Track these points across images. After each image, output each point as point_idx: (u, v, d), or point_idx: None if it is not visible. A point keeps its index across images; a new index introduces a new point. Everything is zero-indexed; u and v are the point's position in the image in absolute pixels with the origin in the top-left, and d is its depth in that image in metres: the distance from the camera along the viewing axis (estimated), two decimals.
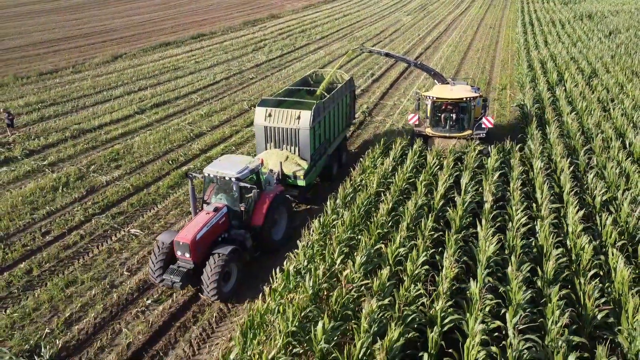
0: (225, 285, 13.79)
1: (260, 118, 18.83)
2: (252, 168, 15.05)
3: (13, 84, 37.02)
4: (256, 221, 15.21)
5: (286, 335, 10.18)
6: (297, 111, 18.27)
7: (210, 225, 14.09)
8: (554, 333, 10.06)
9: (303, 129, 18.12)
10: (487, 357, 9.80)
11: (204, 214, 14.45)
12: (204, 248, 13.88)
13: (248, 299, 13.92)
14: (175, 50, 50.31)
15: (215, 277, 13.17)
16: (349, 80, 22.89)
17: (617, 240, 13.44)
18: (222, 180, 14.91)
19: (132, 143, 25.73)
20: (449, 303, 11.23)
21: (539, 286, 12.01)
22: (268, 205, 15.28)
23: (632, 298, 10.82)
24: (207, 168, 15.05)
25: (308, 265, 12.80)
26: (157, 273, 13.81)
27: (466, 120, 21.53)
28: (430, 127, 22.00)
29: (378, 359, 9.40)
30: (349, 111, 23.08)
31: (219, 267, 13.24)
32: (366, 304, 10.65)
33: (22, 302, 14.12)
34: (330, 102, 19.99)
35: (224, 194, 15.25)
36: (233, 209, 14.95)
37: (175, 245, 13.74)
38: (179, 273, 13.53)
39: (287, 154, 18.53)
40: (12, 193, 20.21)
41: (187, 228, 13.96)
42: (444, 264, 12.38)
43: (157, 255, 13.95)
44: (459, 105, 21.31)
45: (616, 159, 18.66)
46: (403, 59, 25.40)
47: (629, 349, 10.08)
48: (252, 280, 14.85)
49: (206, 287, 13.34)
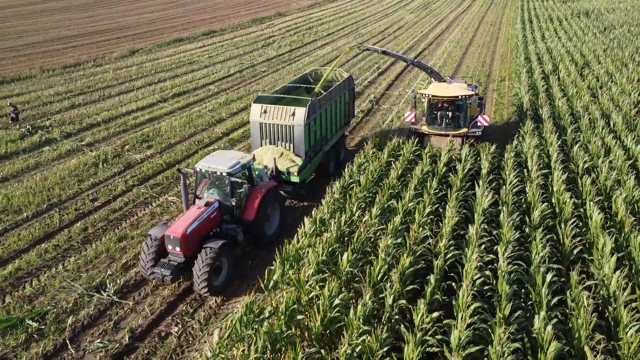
0: (216, 279, 13.97)
1: (255, 114, 18.94)
2: (244, 163, 15.13)
3: (40, 76, 39.40)
4: (248, 216, 15.32)
5: (317, 263, 12.46)
6: (292, 108, 18.43)
7: (201, 219, 14.24)
8: (536, 262, 12.31)
9: (297, 125, 18.19)
10: (481, 280, 12.04)
11: (196, 208, 14.63)
12: (194, 242, 14.04)
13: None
14: (188, 46, 52.62)
15: (206, 271, 13.28)
16: (348, 78, 23.06)
17: (595, 197, 15.69)
18: (214, 175, 15.04)
19: (159, 127, 28.01)
20: (451, 242, 13.50)
21: (526, 232, 14.26)
22: (260, 200, 15.37)
23: (603, 236, 13.06)
24: (199, 163, 15.21)
25: (331, 217, 15.06)
26: (148, 266, 13.97)
27: (462, 118, 21.56)
28: (427, 125, 22.07)
29: (393, 278, 11.66)
30: (347, 109, 23.15)
31: (209, 261, 13.35)
32: (382, 241, 12.93)
33: (82, 253, 16.40)
34: (327, 100, 20.10)
35: (215, 189, 15.42)
36: (225, 203, 15.10)
37: (166, 239, 13.89)
38: (169, 267, 13.70)
39: (282, 150, 18.66)
40: (59, 167, 22.53)
41: (178, 222, 14.14)
42: (447, 214, 14.65)
43: (148, 248, 14.11)
44: (455, 103, 21.43)
45: (600, 135, 20.92)
46: (400, 56, 25.20)
47: (598, 274, 12.32)
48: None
49: (196, 281, 13.48)
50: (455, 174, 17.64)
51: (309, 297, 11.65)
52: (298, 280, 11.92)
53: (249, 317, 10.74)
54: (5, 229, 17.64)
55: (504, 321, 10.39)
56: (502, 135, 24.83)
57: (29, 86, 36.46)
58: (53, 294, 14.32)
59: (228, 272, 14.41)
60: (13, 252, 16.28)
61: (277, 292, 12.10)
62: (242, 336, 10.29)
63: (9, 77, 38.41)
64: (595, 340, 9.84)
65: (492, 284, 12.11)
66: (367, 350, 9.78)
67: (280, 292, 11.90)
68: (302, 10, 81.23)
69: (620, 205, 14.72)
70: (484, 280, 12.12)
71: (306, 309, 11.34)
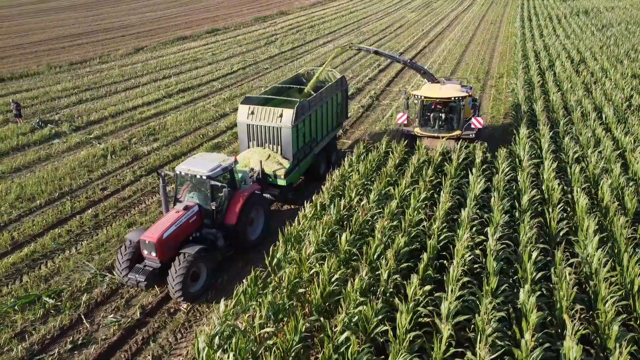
0: (193, 286, 13.68)
1: (243, 115, 18.49)
2: (225, 166, 14.77)
3: (48, 73, 40.28)
4: (230, 220, 14.95)
5: (317, 243, 13.24)
6: (280, 109, 17.97)
7: (178, 224, 13.87)
8: (524, 242, 13.06)
9: (285, 127, 17.73)
10: (471, 258, 12.80)
11: (174, 212, 14.28)
12: (171, 247, 13.69)
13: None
14: (192, 44, 53.43)
15: (181, 277, 12.95)
16: (341, 79, 22.45)
17: (583, 184, 16.44)
18: (194, 178, 14.67)
19: (165, 121, 28.81)
20: (444, 225, 14.27)
21: (516, 216, 15.03)
22: (242, 204, 15.02)
23: (587, 219, 13.81)
24: (180, 166, 14.88)
25: (331, 202, 15.85)
26: (123, 271, 13.71)
27: (455, 120, 21.14)
28: (419, 126, 21.59)
29: (388, 256, 12.43)
30: (340, 110, 22.51)
31: (184, 267, 13.03)
32: (379, 223, 13.70)
33: (94, 237, 17.21)
34: (317, 101, 19.61)
35: (196, 192, 15.03)
36: (205, 207, 14.73)
37: (141, 243, 13.55)
38: (144, 272, 13.40)
39: (269, 152, 18.23)
40: (69, 159, 23.36)
41: (155, 226, 13.79)
42: (441, 200, 15.42)
43: (124, 253, 13.83)
44: (448, 105, 21.04)
45: (591, 127, 21.66)
46: (392, 57, 24.44)
47: (582, 254, 13.07)
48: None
49: (171, 286, 13.15)
50: (450, 163, 18.40)
51: (309, 273, 12.43)
52: (300, 258, 12.71)
53: (253, 290, 11.52)
54: (19, 215, 18.46)
55: (491, 294, 11.15)
56: (498, 130, 25.57)
57: (37, 82, 37.33)
58: (67, 274, 15.12)
59: (207, 278, 14.03)
60: (28, 237, 17.10)
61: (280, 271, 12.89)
62: (247, 306, 11.07)
63: (17, 73, 39.29)
64: (575, 310, 10.58)
65: (482, 263, 12.87)
66: (363, 318, 10.55)
67: (283, 269, 12.67)
68: (305, 9, 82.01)
69: (606, 191, 15.47)
70: (474, 259, 12.88)
71: (307, 284, 12.12)
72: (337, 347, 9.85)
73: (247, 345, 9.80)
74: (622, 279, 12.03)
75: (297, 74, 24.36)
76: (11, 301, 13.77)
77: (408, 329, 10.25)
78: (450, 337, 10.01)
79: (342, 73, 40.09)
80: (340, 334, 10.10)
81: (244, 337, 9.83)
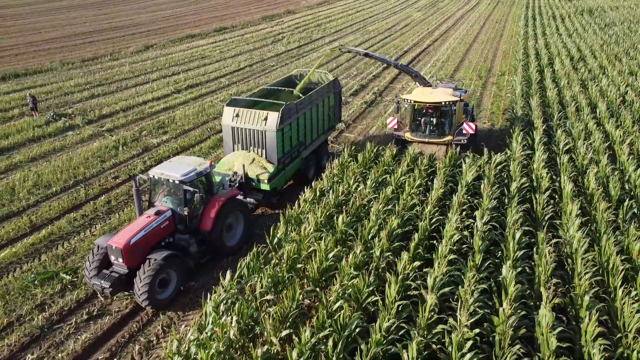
0: (162, 292, 13.34)
1: (227, 118, 18.11)
2: (200, 171, 14.37)
3: (61, 69, 41.52)
4: (205, 226, 14.60)
5: (316, 224, 14.18)
6: (265, 112, 17.47)
7: (148, 229, 13.47)
8: (510, 224, 13.92)
9: (270, 131, 17.27)
10: (459, 238, 13.69)
11: (145, 217, 13.92)
12: (140, 253, 13.29)
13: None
14: (200, 42, 54.53)
15: (146, 284, 12.62)
16: (333, 81, 21.87)
17: (571, 173, 17.27)
18: (167, 182, 14.30)
19: (173, 115, 29.85)
20: (436, 209, 15.16)
21: (505, 202, 15.88)
22: (218, 209, 14.62)
23: (571, 204, 14.65)
24: (153, 169, 14.54)
25: (330, 189, 16.78)
26: (91, 276, 13.42)
27: (447, 125, 20.73)
28: (410, 131, 21.21)
29: (382, 235, 13.34)
30: (332, 113, 21.87)
31: (150, 274, 12.68)
32: (374, 206, 14.61)
33: (107, 221, 18.23)
34: (306, 104, 19.11)
35: (169, 197, 14.64)
36: (178, 212, 14.37)
37: (108, 249, 13.22)
38: (110, 278, 13.01)
39: (254, 156, 17.78)
40: (82, 149, 24.45)
41: (123, 232, 13.47)
42: (434, 187, 16.30)
43: (93, 257, 13.56)
44: (440, 110, 20.58)
45: (584, 121, 22.45)
46: (383, 59, 24.10)
47: (565, 236, 13.91)
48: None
49: (137, 293, 12.83)
50: (446, 154, 19.26)
51: (308, 251, 13.36)
52: (299, 238, 13.65)
53: (255, 264, 12.47)
54: (37, 200, 19.54)
55: (476, 269, 12.04)
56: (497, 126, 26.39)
57: (50, 78, 38.55)
58: (83, 254, 16.13)
59: (177, 284, 13.68)
60: (46, 220, 18.18)
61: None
62: (250, 278, 12.03)
63: (31, 69, 40.54)
64: (551, 283, 11.43)
65: (470, 243, 13.74)
66: (356, 290, 11.46)
67: (283, 247, 13.62)
68: (311, 8, 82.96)
69: (592, 179, 16.29)
70: (462, 240, 13.75)
71: (305, 260, 13.05)
72: (331, 314, 10.77)
73: (248, 311, 10.75)
74: (599, 258, 12.86)
75: (289, 75, 23.90)
76: (31, 277, 14.82)
77: (397, 298, 11.14)
78: (435, 307, 10.89)
79: (347, 70, 41.15)
80: (334, 303, 11.02)
81: (246, 304, 10.78)
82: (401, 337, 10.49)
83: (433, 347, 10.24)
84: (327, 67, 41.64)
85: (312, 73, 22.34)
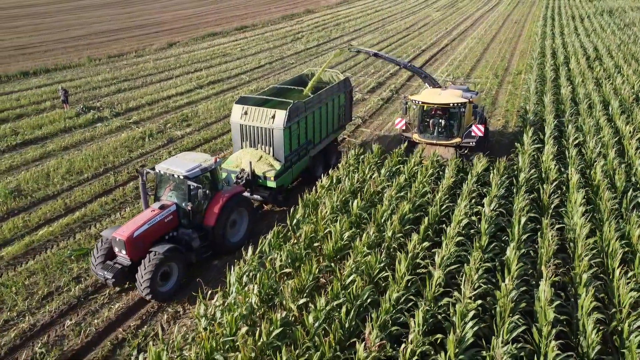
0: (164, 285, 13.63)
1: (236, 116, 18.37)
2: (205, 167, 14.59)
3: (88, 64, 43.12)
4: (208, 221, 14.85)
5: (332, 207, 15.10)
6: (272, 110, 17.72)
7: (152, 223, 13.80)
8: (517, 211, 14.66)
9: (277, 128, 17.45)
10: (468, 223, 14.48)
11: (149, 211, 14.27)
12: (144, 246, 13.62)
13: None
14: (221, 40, 55.85)
15: (149, 276, 12.95)
16: (344, 81, 21.93)
17: (579, 165, 17.92)
18: (172, 177, 14.60)
19: (196, 109, 31.03)
20: (447, 197, 15.97)
21: (513, 191, 16.62)
22: (221, 205, 14.85)
23: (577, 193, 15.34)
24: (160, 164, 14.80)
25: (346, 176, 17.69)
26: (96, 266, 13.82)
27: (455, 127, 20.47)
28: (418, 133, 21.04)
29: (394, 218, 14.20)
30: (342, 112, 21.93)
31: (153, 266, 12.99)
32: (387, 192, 15.47)
33: (135, 205, 19.34)
34: (314, 102, 19.25)
35: (175, 191, 14.95)
36: (183, 207, 14.65)
37: (112, 241, 13.61)
38: (112, 269, 13.44)
39: (261, 153, 18.00)
40: (111, 140, 25.73)
41: (127, 224, 13.90)
42: (445, 175, 17.11)
43: (98, 249, 13.97)
44: (448, 111, 20.38)
45: (595, 117, 23.00)
46: (392, 60, 24.00)
47: (568, 222, 14.62)
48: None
49: (139, 285, 13.16)
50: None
51: (324, 232, 14.28)
52: (316, 219, 14.59)
53: (275, 242, 13.44)
54: (70, 186, 20.80)
55: (481, 250, 12.83)
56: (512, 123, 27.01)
57: (78, 73, 40.11)
58: None
59: (178, 278, 13.97)
60: (79, 203, 19.40)
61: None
62: (270, 254, 13.00)
63: (60, 65, 42.19)
64: (553, 262, 12.17)
65: (477, 228, 14.53)
66: (368, 266, 12.35)
67: (301, 228, 14.56)
68: (331, 8, 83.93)
69: (598, 170, 16.93)
70: (470, 224, 14.55)
71: (321, 240, 13.98)
72: (344, 287, 11.68)
73: (269, 281, 11.71)
74: (600, 243, 13.55)
75: (300, 74, 24.03)
76: (67, 253, 15.98)
77: (406, 274, 12.00)
78: (441, 281, 11.73)
79: (364, 69, 41.99)
80: (347, 277, 11.93)
81: (267, 275, 11.75)
82: (409, 309, 11.34)
83: (438, 317, 11.08)
84: (346, 65, 42.59)
85: (323, 73, 22.55)
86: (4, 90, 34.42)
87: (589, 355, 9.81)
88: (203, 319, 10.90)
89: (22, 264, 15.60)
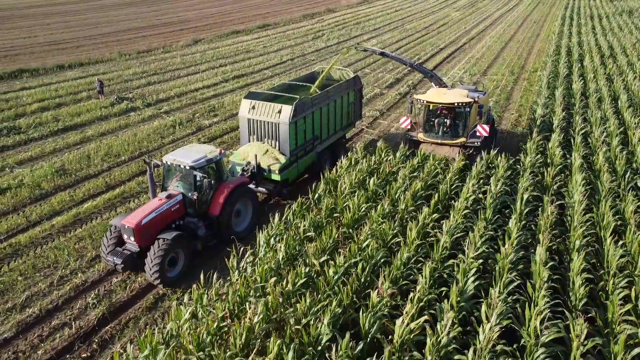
0: (171, 271, 14.23)
1: (244, 110, 18.81)
2: (210, 158, 15.09)
3: (119, 59, 45.25)
4: (213, 211, 15.39)
5: (350, 184, 16.58)
6: (279, 105, 18.06)
7: (159, 211, 14.36)
8: (522, 190, 15.95)
9: (283, 123, 17.81)
10: (475, 199, 15.82)
11: (157, 200, 14.83)
12: (151, 233, 14.16)
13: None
14: (245, 37, 57.69)
15: (158, 261, 13.51)
16: (354, 79, 22.18)
17: (583, 151, 19.11)
18: (178, 168, 15.14)
19: (222, 101, 32.77)
20: (457, 177, 17.32)
21: (520, 173, 17.90)
22: (226, 195, 15.38)
23: (578, 174, 16.57)
24: (167, 155, 15.35)
25: (363, 158, 19.15)
26: (107, 253, 14.41)
27: (461, 126, 20.32)
28: (423, 132, 20.92)
29: (407, 194, 15.61)
30: (351, 110, 22.14)
31: (161, 252, 13.56)
32: (401, 171, 16.89)
33: None
34: (322, 99, 19.56)
35: (181, 182, 15.50)
36: (189, 196, 15.20)
37: (121, 228, 14.20)
38: (121, 255, 14.03)
39: (268, 147, 18.40)
40: (144, 127, 27.57)
41: (135, 212, 14.45)
42: (457, 158, 18.45)
43: (109, 237, 14.53)
44: (454, 111, 20.33)
45: (603, 110, 24.09)
46: (399, 59, 24.06)
47: (568, 200, 15.86)
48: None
49: (148, 270, 13.70)
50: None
51: (343, 206, 15.76)
52: (336, 194, 16.08)
53: (299, 212, 14.96)
54: (109, 166, 22.62)
55: (485, 221, 14.17)
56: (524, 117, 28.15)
57: (110, 67, 42.20)
58: None
59: (184, 264, 14.61)
60: (118, 181, 21.20)
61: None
62: (294, 222, 14.53)
63: (93, 59, 44.39)
64: (550, 230, 13.46)
65: (483, 204, 15.85)
66: (382, 232, 13.79)
67: (322, 202, 16.06)
68: (351, 7, 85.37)
69: (601, 156, 18.11)
70: (477, 200, 15.88)
71: (340, 212, 15.47)
72: (361, 249, 13.13)
73: (294, 243, 13.24)
74: (596, 218, 14.79)
75: (312, 72, 24.47)
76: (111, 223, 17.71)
77: (416, 239, 13.41)
78: (447, 246, 13.12)
79: (383, 65, 43.33)
80: (363, 241, 13.38)
81: (292, 237, 13.28)
82: (418, 268, 12.76)
83: (444, 276, 12.47)
84: (365, 62, 43.98)
85: (334, 70, 23.05)
86: (42, 82, 36.60)
87: (576, 306, 11.10)
88: (236, 272, 12.45)
89: (71, 231, 17.38)
